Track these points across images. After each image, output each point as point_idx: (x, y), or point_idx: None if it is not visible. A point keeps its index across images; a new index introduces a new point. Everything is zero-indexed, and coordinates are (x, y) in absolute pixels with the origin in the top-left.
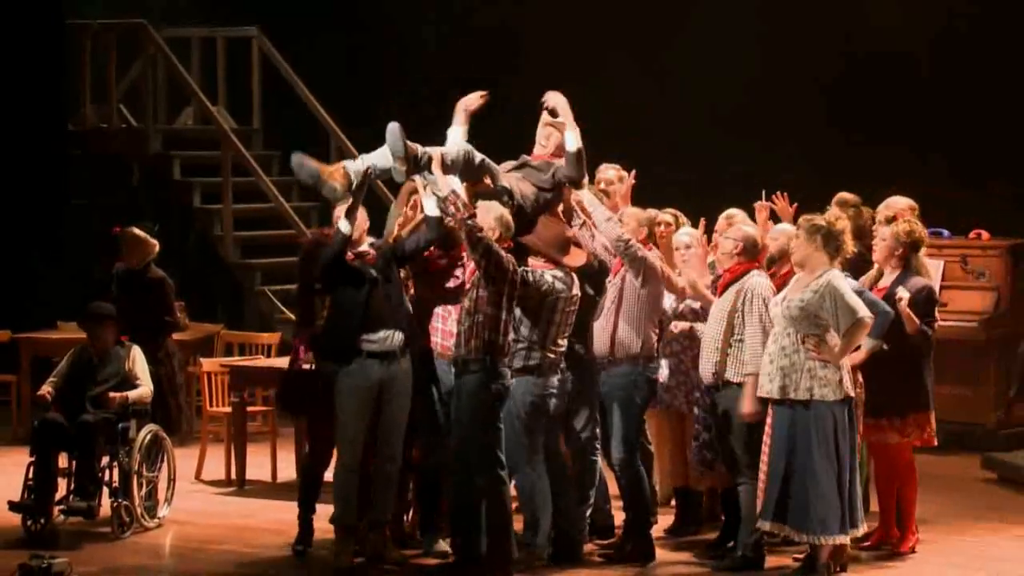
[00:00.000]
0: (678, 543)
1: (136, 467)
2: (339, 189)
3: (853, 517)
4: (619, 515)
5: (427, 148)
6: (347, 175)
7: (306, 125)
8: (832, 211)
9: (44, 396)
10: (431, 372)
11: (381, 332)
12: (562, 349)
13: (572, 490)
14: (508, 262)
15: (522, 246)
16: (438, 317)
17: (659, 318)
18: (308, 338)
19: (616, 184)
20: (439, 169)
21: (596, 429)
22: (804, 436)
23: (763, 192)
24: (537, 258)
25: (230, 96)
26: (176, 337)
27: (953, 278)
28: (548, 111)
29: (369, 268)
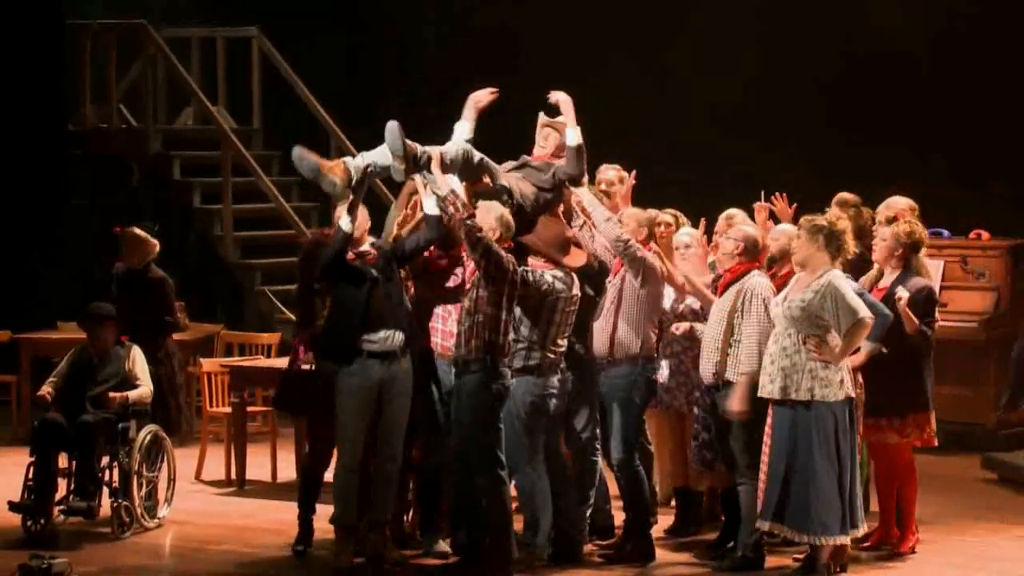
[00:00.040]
0: (678, 543)
1: (136, 467)
2: (339, 183)
3: (854, 517)
4: (619, 515)
5: (426, 147)
6: (347, 170)
7: (306, 125)
8: (833, 211)
9: (44, 396)
10: (431, 372)
11: (382, 332)
12: (562, 349)
13: (572, 490)
14: (508, 262)
15: (522, 246)
16: (438, 317)
17: (659, 318)
18: (308, 338)
19: (617, 185)
20: (438, 168)
21: (596, 429)
22: (805, 437)
23: (762, 193)
24: (537, 258)
25: (230, 96)
26: (176, 337)
27: (953, 278)
28: (551, 104)
29: (370, 268)
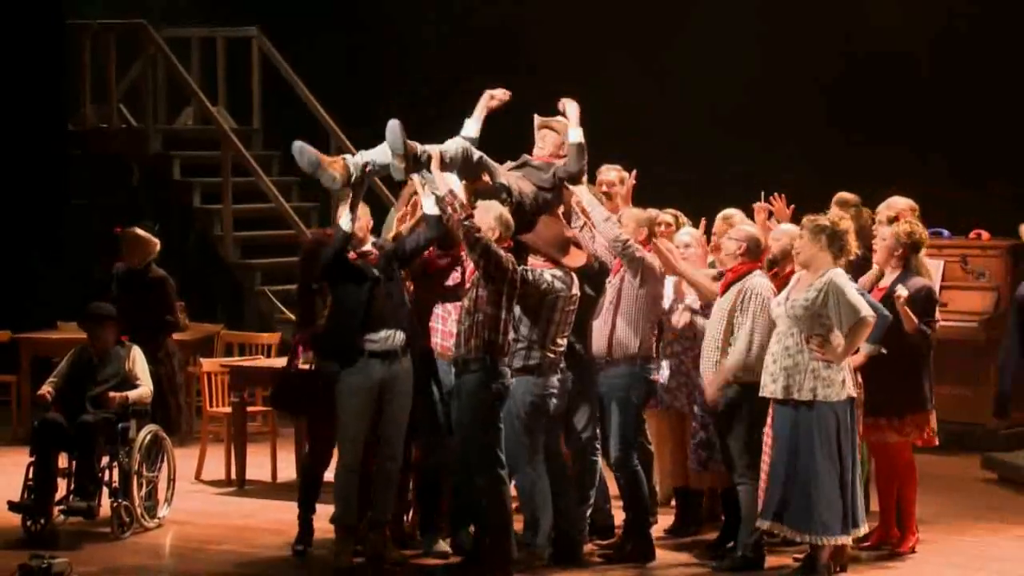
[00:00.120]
0: (678, 543)
1: (136, 467)
2: (338, 179)
3: (855, 517)
4: (619, 515)
5: (426, 146)
6: (346, 167)
7: (306, 125)
8: (835, 211)
9: (44, 396)
10: (431, 372)
11: (383, 332)
12: (562, 349)
13: (572, 490)
14: (507, 261)
15: (522, 245)
16: (438, 317)
17: (658, 319)
18: (308, 338)
19: (617, 186)
20: (438, 168)
21: (596, 429)
22: (807, 436)
23: (762, 193)
24: (537, 257)
25: (230, 96)
26: (176, 337)
27: (953, 278)
28: (560, 111)
29: (371, 268)
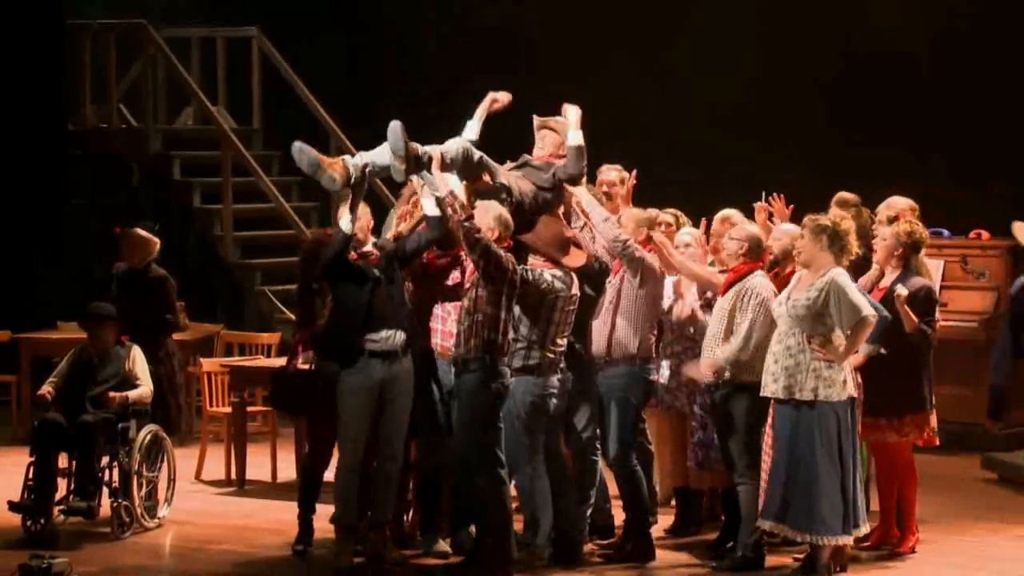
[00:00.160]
0: (678, 543)
1: (136, 467)
2: (338, 179)
3: (855, 517)
4: (619, 515)
5: (427, 147)
6: (346, 168)
7: (306, 125)
8: (837, 211)
9: (44, 396)
10: (431, 372)
11: (383, 332)
12: (562, 349)
13: (572, 490)
14: (507, 261)
15: (522, 245)
16: (437, 318)
17: (658, 319)
18: (308, 337)
19: (618, 186)
20: (438, 169)
21: (596, 429)
22: (807, 436)
23: (763, 193)
24: (536, 257)
25: (230, 96)
26: (176, 337)
27: (953, 278)
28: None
29: (372, 268)
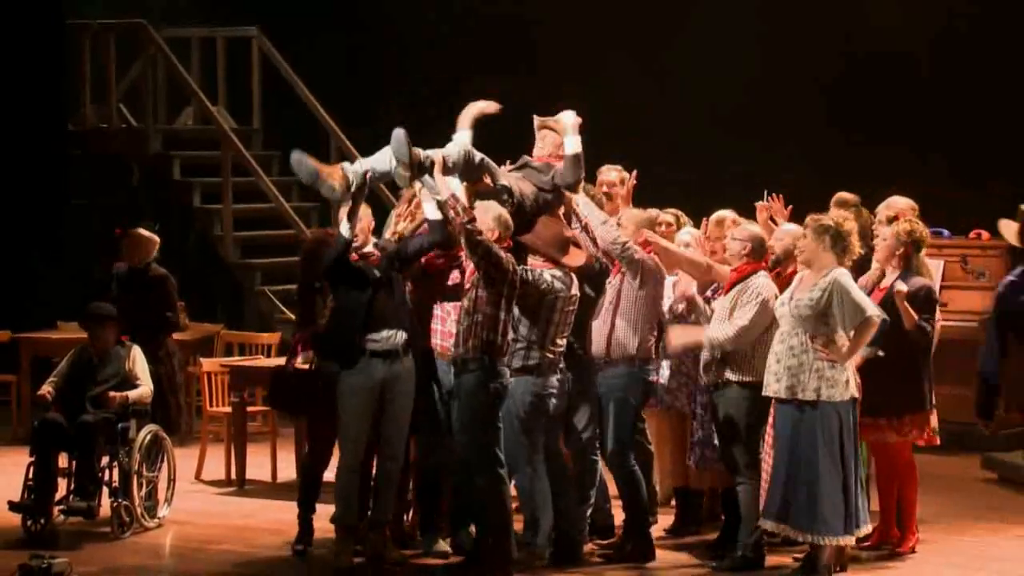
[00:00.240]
0: (678, 543)
1: (136, 467)
2: (337, 188)
3: (857, 517)
4: (619, 515)
5: (428, 151)
6: (345, 176)
7: (306, 125)
8: (840, 211)
9: (44, 396)
10: (431, 372)
11: (384, 332)
12: (561, 349)
13: (572, 490)
14: (508, 263)
15: (522, 246)
16: (437, 318)
17: (658, 320)
18: (308, 337)
19: (618, 186)
20: (440, 172)
21: (596, 429)
22: (810, 436)
23: (764, 192)
24: (536, 257)
25: (230, 96)
26: (176, 337)
27: (953, 278)
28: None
29: (373, 269)
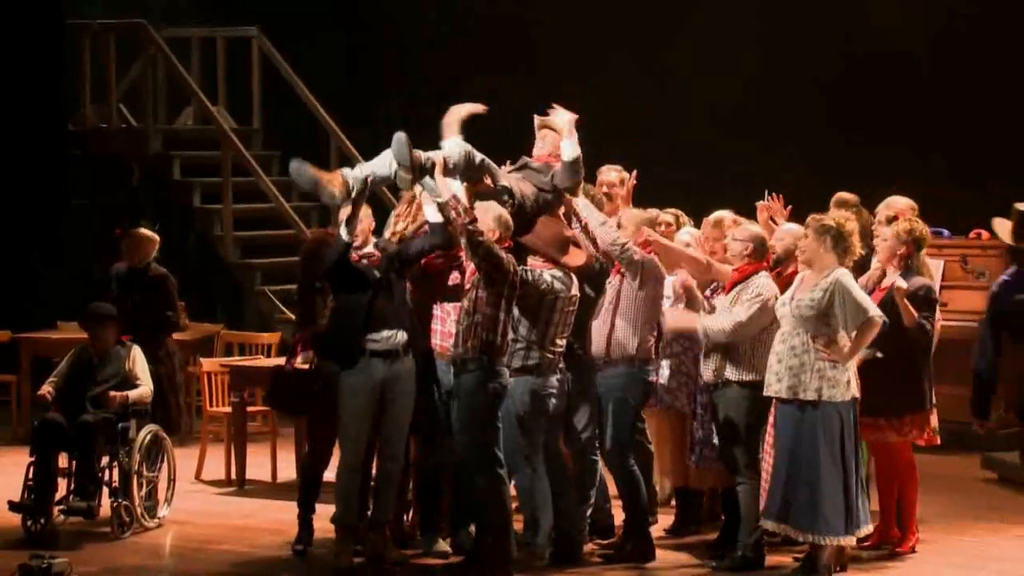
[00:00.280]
0: (678, 543)
1: (136, 467)
2: (337, 194)
3: (858, 517)
4: (619, 515)
5: (429, 153)
6: (345, 182)
7: (306, 125)
8: (841, 212)
9: (44, 396)
10: (431, 372)
11: (384, 332)
12: (561, 349)
13: (572, 490)
14: (508, 263)
15: (522, 246)
16: (437, 318)
17: (657, 320)
18: (308, 337)
19: (618, 187)
20: (441, 173)
21: (596, 429)
22: (811, 436)
23: (766, 191)
24: (536, 258)
25: (230, 96)
26: (176, 337)
27: (953, 278)
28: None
29: (373, 270)
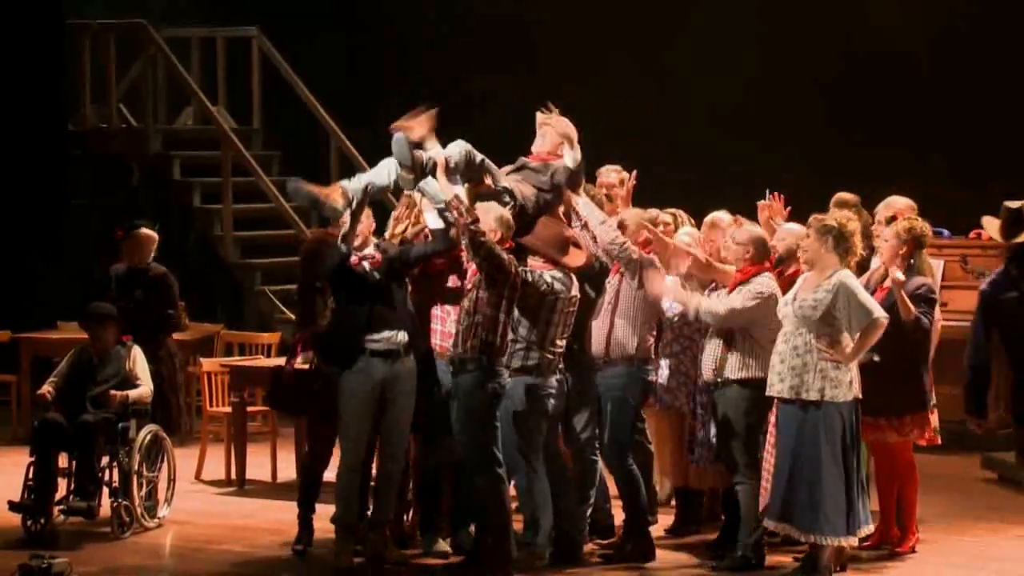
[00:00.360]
0: (678, 543)
1: (136, 467)
2: (339, 207)
3: (859, 518)
4: (619, 515)
5: (430, 153)
6: (345, 193)
7: (306, 125)
8: (843, 212)
9: (44, 396)
10: (431, 372)
11: (385, 332)
12: (560, 350)
13: (572, 490)
14: (510, 264)
15: (522, 247)
16: (436, 318)
17: (657, 319)
18: (308, 337)
19: (617, 187)
20: (443, 173)
21: (596, 429)
22: (813, 436)
23: (767, 191)
24: (536, 258)
25: (230, 96)
26: (176, 337)
27: (953, 278)
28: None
29: (373, 272)
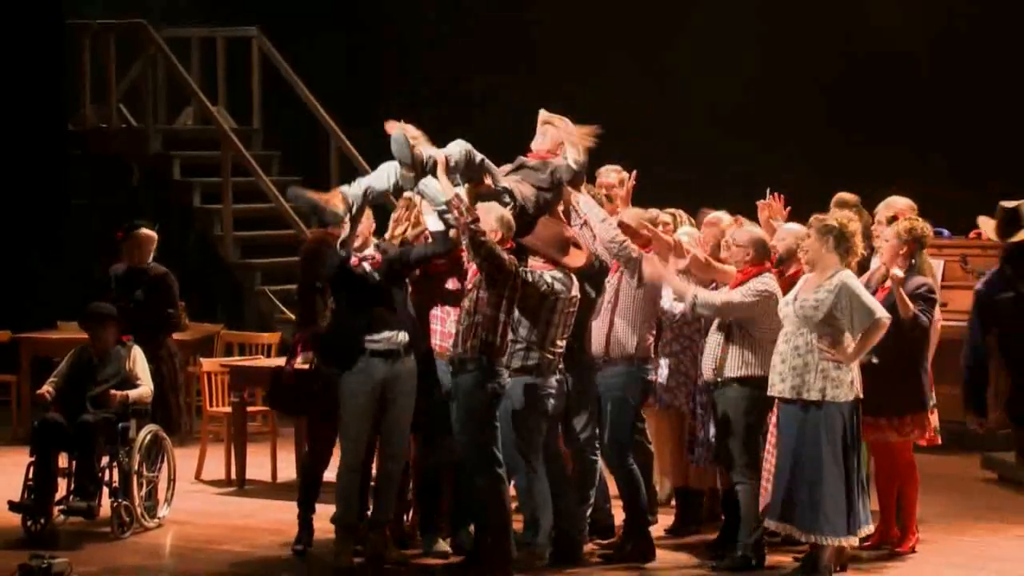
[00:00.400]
0: (678, 543)
1: (136, 467)
2: (341, 212)
3: (860, 518)
4: (619, 515)
5: (430, 152)
6: (345, 198)
7: (306, 125)
8: (844, 212)
9: (44, 396)
10: (431, 372)
11: (386, 332)
12: (560, 350)
13: (572, 490)
14: (511, 265)
15: (522, 247)
16: (436, 319)
17: (656, 318)
18: (308, 337)
19: (617, 188)
20: (443, 173)
21: (596, 429)
22: (814, 436)
23: (767, 191)
24: (536, 258)
25: (230, 96)
26: (176, 337)
27: (953, 278)
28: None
29: (373, 273)
